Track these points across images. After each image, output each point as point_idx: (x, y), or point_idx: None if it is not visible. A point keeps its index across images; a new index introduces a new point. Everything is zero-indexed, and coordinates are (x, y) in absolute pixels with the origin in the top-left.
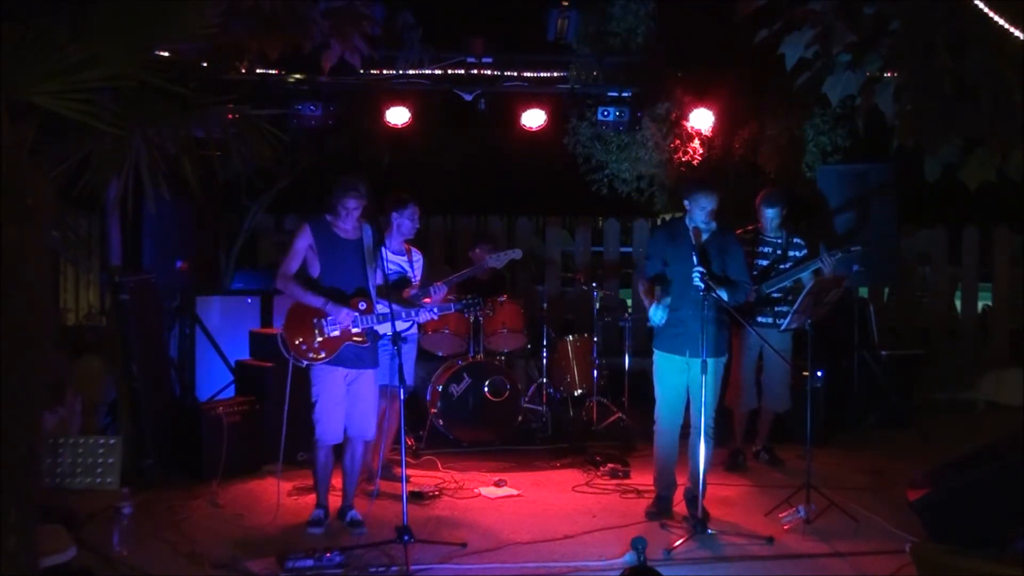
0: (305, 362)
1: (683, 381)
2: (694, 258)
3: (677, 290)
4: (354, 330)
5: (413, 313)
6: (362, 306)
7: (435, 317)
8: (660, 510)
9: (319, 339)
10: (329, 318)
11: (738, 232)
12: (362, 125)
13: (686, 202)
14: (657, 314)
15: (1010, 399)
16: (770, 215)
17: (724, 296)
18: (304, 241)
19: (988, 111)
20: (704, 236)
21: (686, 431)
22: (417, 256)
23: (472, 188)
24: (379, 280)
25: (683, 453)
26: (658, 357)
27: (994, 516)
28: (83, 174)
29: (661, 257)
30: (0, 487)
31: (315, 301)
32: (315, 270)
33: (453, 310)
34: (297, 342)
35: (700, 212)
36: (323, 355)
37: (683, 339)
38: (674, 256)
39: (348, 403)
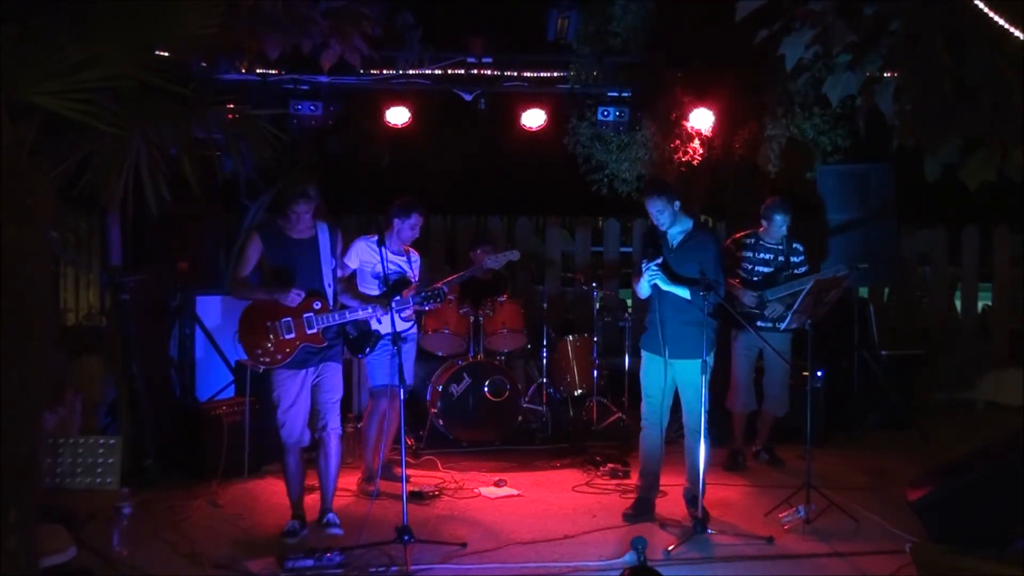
0: (262, 368)
1: (664, 380)
2: (644, 257)
3: (658, 291)
4: (309, 331)
5: (371, 309)
6: (316, 305)
7: (401, 315)
8: (638, 512)
9: (273, 343)
10: (283, 320)
11: (737, 236)
12: (362, 125)
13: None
14: (644, 281)
15: (1010, 399)
16: (779, 221)
17: (685, 294)
18: (255, 249)
19: (988, 111)
20: (679, 237)
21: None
22: (415, 256)
23: (472, 188)
24: (373, 277)
25: (682, 454)
26: (643, 356)
27: (994, 516)
28: (83, 174)
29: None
30: (0, 487)
31: (264, 295)
32: (270, 275)
33: (412, 304)
34: (252, 348)
35: (650, 215)
36: (279, 358)
37: (663, 339)
38: (655, 256)
39: (315, 396)
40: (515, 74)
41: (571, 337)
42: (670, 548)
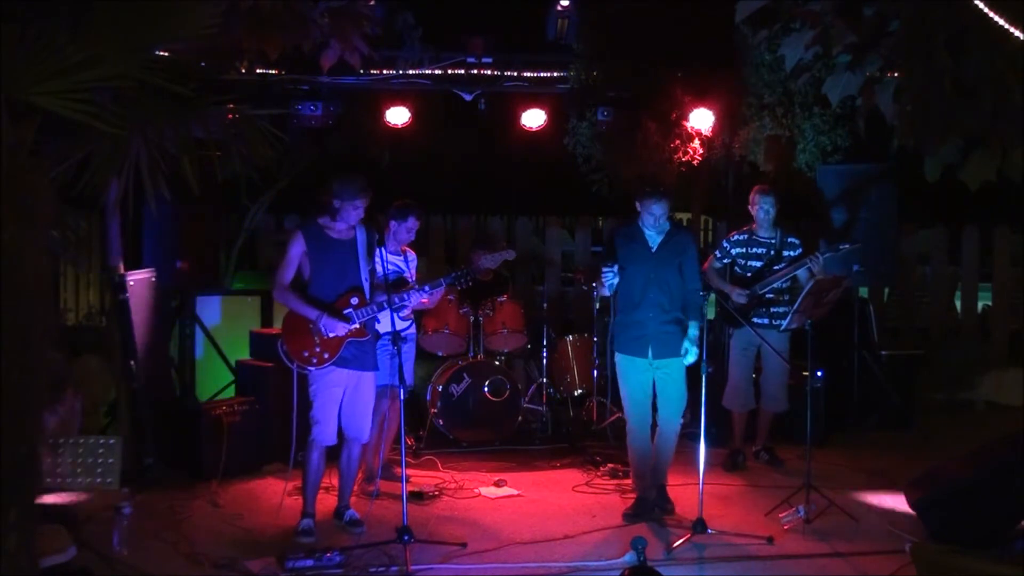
0: (311, 369)
1: (648, 381)
2: (611, 265)
3: (635, 292)
4: (353, 326)
5: (406, 297)
6: (354, 300)
7: (425, 297)
8: (638, 512)
9: (320, 343)
10: (324, 323)
11: (731, 235)
12: (362, 125)
13: (637, 205)
14: (608, 277)
15: (1010, 399)
16: (763, 205)
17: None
18: (298, 248)
19: (988, 111)
20: (659, 238)
21: (685, 431)
22: (411, 256)
23: (472, 188)
24: (377, 278)
25: (683, 454)
26: (620, 360)
27: (993, 516)
28: (83, 174)
29: (619, 261)
30: (0, 487)
31: (310, 313)
32: (309, 273)
33: (444, 284)
34: (300, 351)
35: (650, 217)
36: (327, 357)
37: (644, 341)
38: (631, 259)
39: (346, 405)
40: (515, 74)
41: (571, 337)
42: (670, 547)
